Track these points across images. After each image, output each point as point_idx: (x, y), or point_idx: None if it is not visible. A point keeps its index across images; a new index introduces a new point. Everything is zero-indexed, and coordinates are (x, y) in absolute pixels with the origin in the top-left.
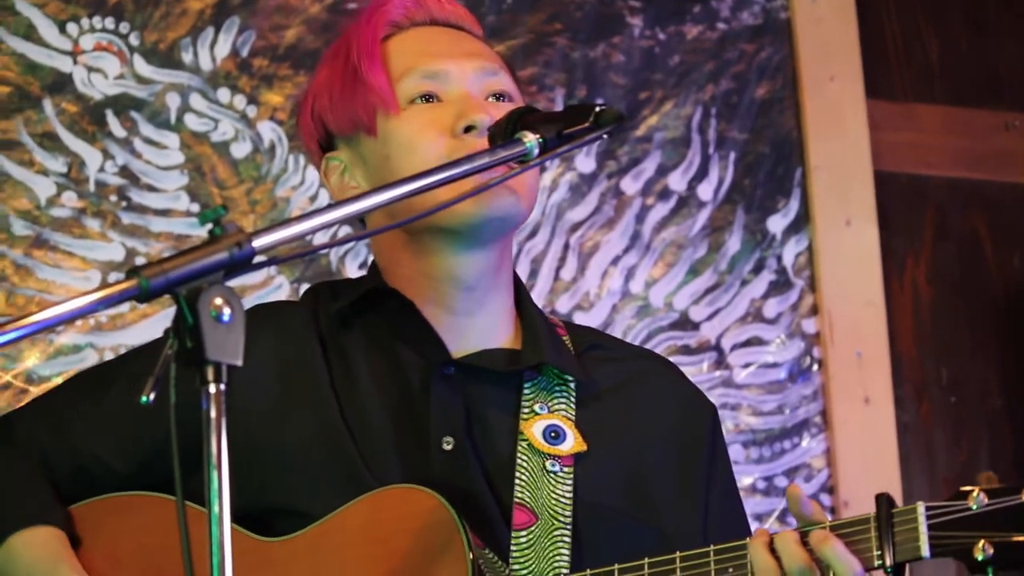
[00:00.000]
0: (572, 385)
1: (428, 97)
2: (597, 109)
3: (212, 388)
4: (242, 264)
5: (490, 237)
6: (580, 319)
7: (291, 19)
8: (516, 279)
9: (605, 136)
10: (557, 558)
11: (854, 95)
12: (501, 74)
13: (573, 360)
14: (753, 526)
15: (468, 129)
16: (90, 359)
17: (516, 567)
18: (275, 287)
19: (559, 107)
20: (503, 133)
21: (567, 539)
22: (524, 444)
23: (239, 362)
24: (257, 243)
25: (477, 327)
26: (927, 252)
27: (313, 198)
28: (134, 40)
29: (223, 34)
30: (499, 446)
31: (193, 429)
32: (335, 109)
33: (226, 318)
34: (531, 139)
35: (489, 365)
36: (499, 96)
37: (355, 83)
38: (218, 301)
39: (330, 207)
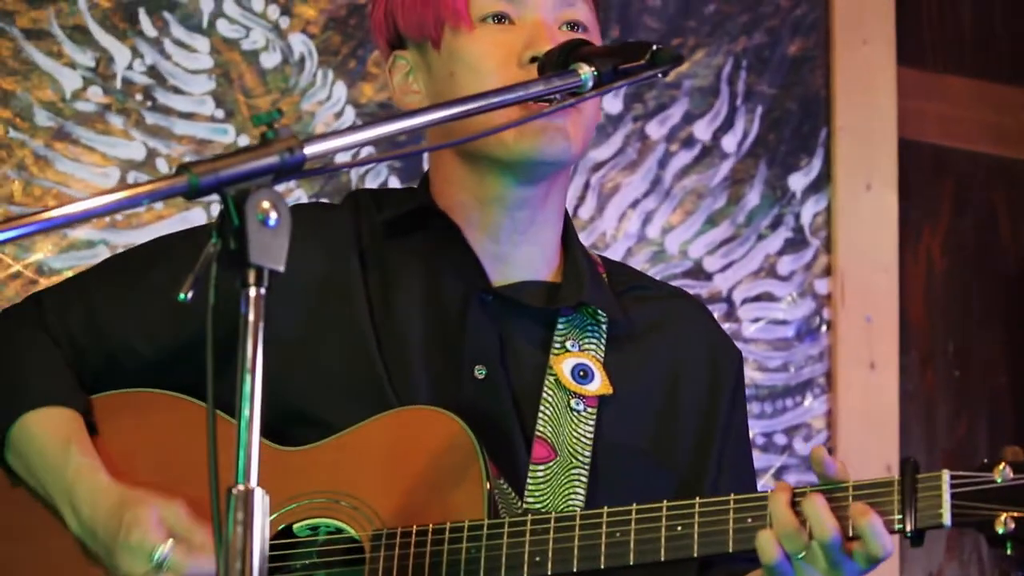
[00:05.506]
0: (604, 325)
1: (500, 17)
2: (654, 47)
3: (252, 292)
4: (292, 169)
5: (539, 176)
6: None
7: None
8: (566, 214)
9: (660, 76)
10: (572, 496)
11: (885, 60)
12: (579, 3)
13: (611, 299)
14: None
15: (534, 59)
16: (102, 255)
17: (530, 500)
18: (293, 200)
19: None
20: (555, 64)
21: (584, 478)
22: (552, 380)
23: (281, 268)
24: (308, 150)
25: (520, 258)
26: (944, 224)
27: (339, 114)
28: None
29: None
30: (527, 379)
31: (227, 331)
32: (406, 12)
33: (272, 222)
34: (586, 71)
35: (527, 299)
36: (573, 25)
37: None
38: (265, 204)
39: (385, 120)
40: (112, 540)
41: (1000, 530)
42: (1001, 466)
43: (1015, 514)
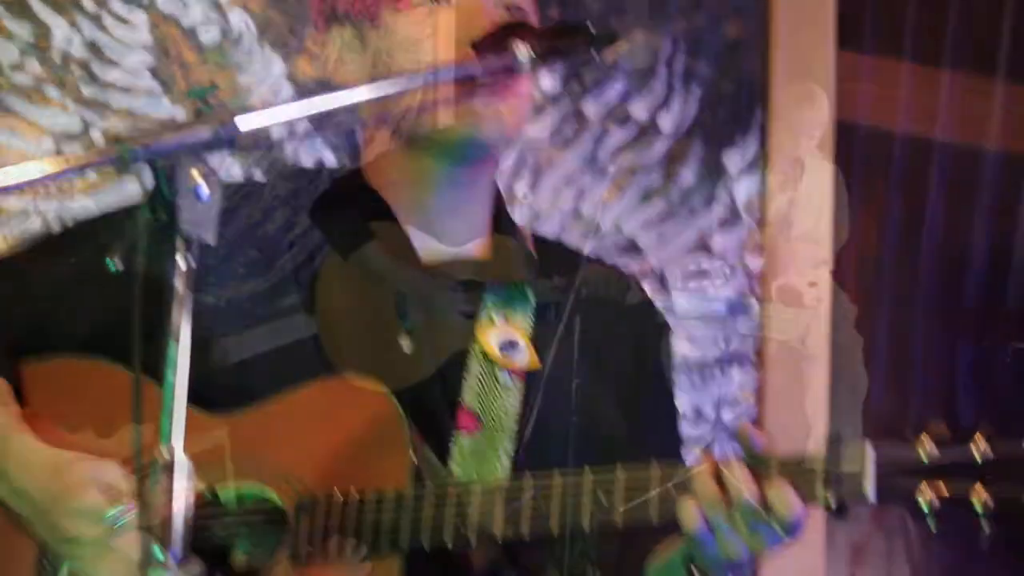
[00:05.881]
0: (533, 301)
1: None
2: (592, 28)
3: (181, 262)
4: (225, 143)
5: (473, 156)
6: None
7: None
8: (497, 191)
9: (596, 56)
10: (498, 467)
11: (824, 43)
12: None
13: (538, 276)
14: None
15: (472, 41)
16: (34, 225)
17: (456, 470)
18: (226, 174)
19: None
20: (491, 44)
21: (510, 450)
22: (479, 352)
23: (211, 240)
24: (242, 124)
25: (450, 235)
26: (878, 205)
27: (276, 90)
28: None
29: None
30: (454, 351)
31: (157, 300)
32: None
33: (203, 195)
34: (523, 52)
35: (455, 276)
36: (510, 7)
37: None
38: (197, 178)
39: (319, 95)
40: (53, 503)
41: (923, 505)
42: (924, 440)
43: (937, 489)
